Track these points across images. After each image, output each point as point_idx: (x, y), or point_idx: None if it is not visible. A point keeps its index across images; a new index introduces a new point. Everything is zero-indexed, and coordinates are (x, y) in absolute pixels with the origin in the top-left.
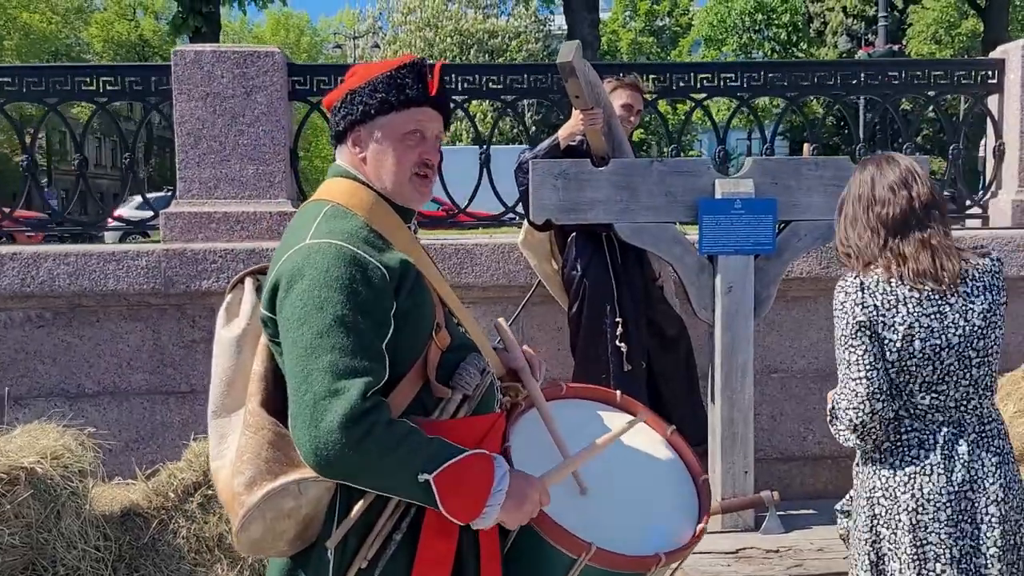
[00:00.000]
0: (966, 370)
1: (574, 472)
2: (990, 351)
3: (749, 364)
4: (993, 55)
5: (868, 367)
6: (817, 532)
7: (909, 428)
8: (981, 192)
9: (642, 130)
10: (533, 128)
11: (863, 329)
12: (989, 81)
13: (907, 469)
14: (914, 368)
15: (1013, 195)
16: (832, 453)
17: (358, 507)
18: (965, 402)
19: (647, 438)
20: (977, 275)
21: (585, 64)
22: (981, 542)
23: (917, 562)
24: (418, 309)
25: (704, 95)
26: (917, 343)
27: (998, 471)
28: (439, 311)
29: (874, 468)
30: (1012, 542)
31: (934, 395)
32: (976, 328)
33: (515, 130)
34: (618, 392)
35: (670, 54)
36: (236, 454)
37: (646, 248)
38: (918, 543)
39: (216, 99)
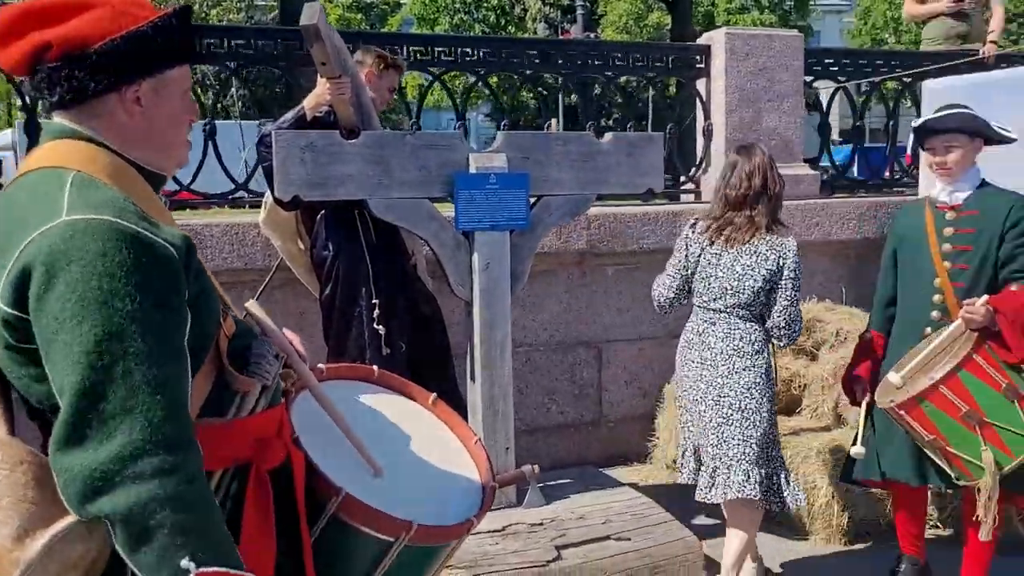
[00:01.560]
0: (724, 296)
1: (364, 453)
2: (740, 291)
3: (507, 340)
4: (700, 41)
5: (674, 268)
6: (576, 501)
7: (693, 318)
8: (694, 169)
9: None
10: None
11: (681, 250)
12: (697, 66)
13: (685, 342)
14: (695, 283)
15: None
16: (574, 422)
17: None
18: (723, 313)
19: (412, 411)
20: (755, 244)
21: (330, 28)
22: (708, 395)
23: (679, 400)
24: (206, 293)
25: (443, 69)
26: (700, 269)
27: (728, 360)
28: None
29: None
30: (724, 403)
31: (704, 302)
32: (734, 272)
33: (243, 105)
34: (375, 368)
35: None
36: None
37: (401, 225)
38: (682, 389)
39: None
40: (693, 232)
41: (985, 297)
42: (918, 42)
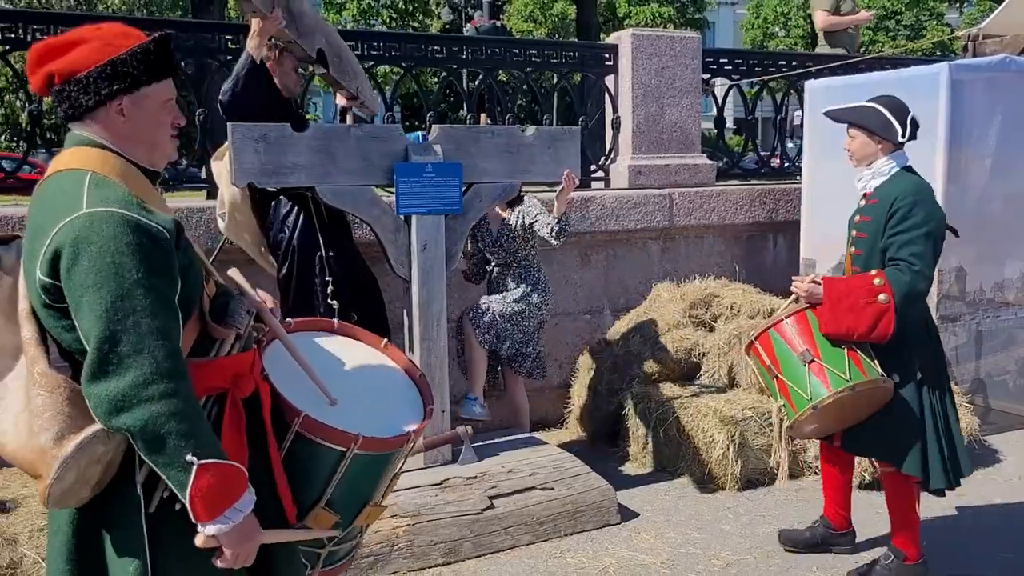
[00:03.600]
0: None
1: (322, 388)
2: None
3: (443, 314)
4: (609, 40)
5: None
6: (504, 457)
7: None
8: (603, 158)
9: None
10: None
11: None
12: (607, 63)
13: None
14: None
15: (628, 161)
16: (495, 391)
17: None
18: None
19: (367, 352)
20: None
21: None
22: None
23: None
24: (191, 263)
25: (373, 64)
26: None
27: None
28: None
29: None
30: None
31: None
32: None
33: None
34: (335, 320)
35: None
36: (31, 414)
37: (347, 210)
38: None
39: None
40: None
41: (815, 274)
42: (805, 36)
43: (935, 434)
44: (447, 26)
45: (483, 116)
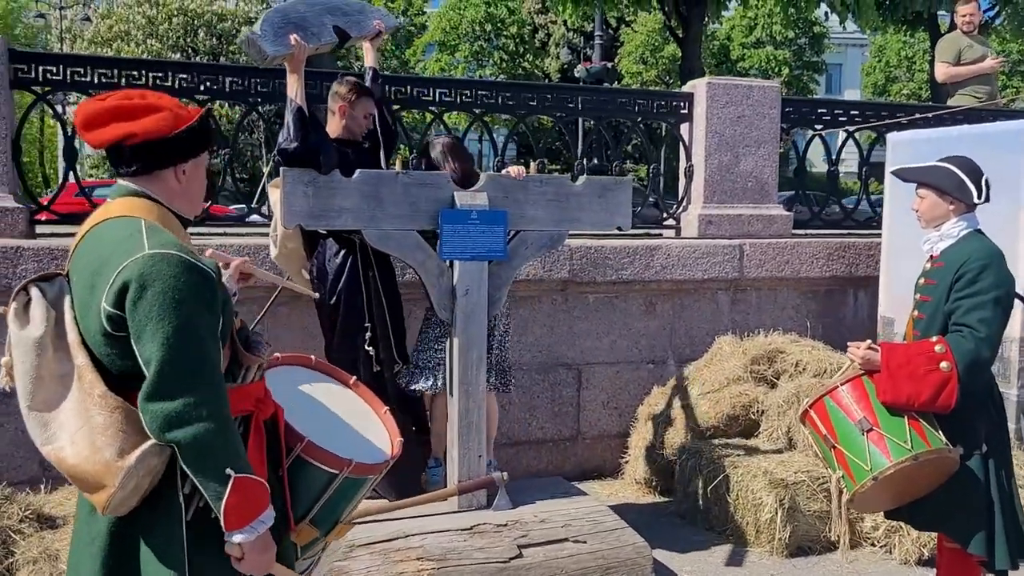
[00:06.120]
0: None
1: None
2: None
3: (483, 359)
4: (684, 89)
5: None
6: (540, 506)
7: None
8: (675, 207)
9: None
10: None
11: None
12: (681, 112)
13: None
14: None
15: (699, 210)
16: (552, 437)
17: None
18: None
19: (339, 390)
20: None
21: (256, 36)
22: None
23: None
24: (226, 301)
25: (443, 109)
26: None
27: None
28: None
29: None
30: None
31: None
32: None
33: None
34: (312, 357)
35: (404, 52)
36: (92, 432)
37: (392, 253)
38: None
39: None
40: None
41: (868, 341)
42: (929, 81)
43: (1001, 510)
44: (565, 66)
45: (533, 165)
